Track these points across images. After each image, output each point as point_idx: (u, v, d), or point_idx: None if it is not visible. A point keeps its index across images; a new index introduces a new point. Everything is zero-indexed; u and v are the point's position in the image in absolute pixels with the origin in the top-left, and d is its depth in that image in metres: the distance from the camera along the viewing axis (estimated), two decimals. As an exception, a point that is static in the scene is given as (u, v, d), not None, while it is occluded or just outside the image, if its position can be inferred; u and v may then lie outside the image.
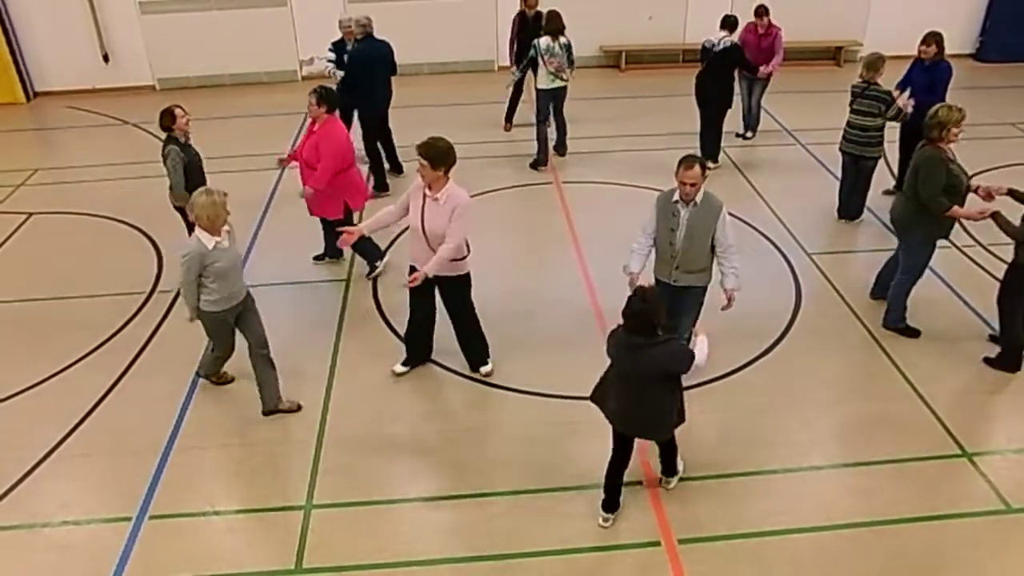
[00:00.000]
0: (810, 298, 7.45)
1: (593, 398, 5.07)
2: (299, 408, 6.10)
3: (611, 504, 5.11)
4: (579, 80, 13.58)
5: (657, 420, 4.89)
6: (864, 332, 6.93)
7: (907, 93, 8.30)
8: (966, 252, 8.02)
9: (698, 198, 5.52)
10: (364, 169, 9.18)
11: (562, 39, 9.68)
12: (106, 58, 13.47)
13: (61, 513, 5.30)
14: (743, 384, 6.36)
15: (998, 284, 6.32)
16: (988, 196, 6.30)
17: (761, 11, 9.97)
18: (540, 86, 9.91)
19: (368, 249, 7.63)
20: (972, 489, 5.36)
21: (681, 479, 5.44)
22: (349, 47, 9.46)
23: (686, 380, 4.91)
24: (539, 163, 10.22)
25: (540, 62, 9.70)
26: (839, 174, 8.79)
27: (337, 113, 7.46)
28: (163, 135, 7.08)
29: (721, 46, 9.44)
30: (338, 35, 9.71)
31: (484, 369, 6.42)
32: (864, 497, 5.32)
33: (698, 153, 10.09)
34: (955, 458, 5.62)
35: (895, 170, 9.11)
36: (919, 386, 6.28)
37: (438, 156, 5.54)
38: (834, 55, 14.32)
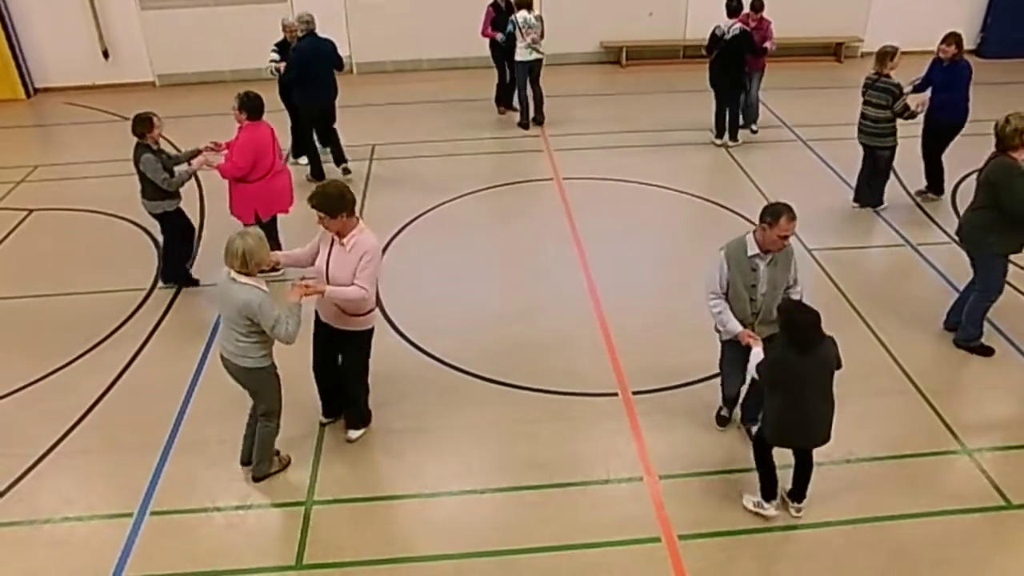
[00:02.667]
0: (809, 293, 7.40)
1: (766, 438, 4.95)
2: (289, 463, 5.63)
3: (775, 492, 5.09)
4: (580, 76, 13.68)
5: (831, 419, 4.85)
6: (864, 327, 6.93)
7: (925, 94, 8.43)
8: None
9: None
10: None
11: (535, 11, 10.53)
12: (106, 54, 13.44)
13: (62, 509, 5.31)
14: (743, 380, 6.36)
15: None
16: None
17: (758, 5, 10.05)
18: (518, 58, 10.75)
19: None
20: (972, 485, 5.36)
21: (681, 475, 5.44)
22: (293, 45, 9.60)
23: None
24: (524, 124, 11.20)
25: (518, 35, 10.45)
26: (840, 170, 8.82)
27: (263, 117, 7.47)
28: (165, 131, 7.13)
29: (731, 33, 9.74)
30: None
31: (352, 434, 5.84)
32: (864, 493, 5.32)
33: (714, 132, 10.38)
34: (955, 454, 5.63)
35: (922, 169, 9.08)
36: (919, 382, 6.28)
37: (332, 204, 4.99)
38: (835, 51, 14.29)
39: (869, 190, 8.86)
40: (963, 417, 5.94)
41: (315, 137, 9.95)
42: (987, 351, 6.61)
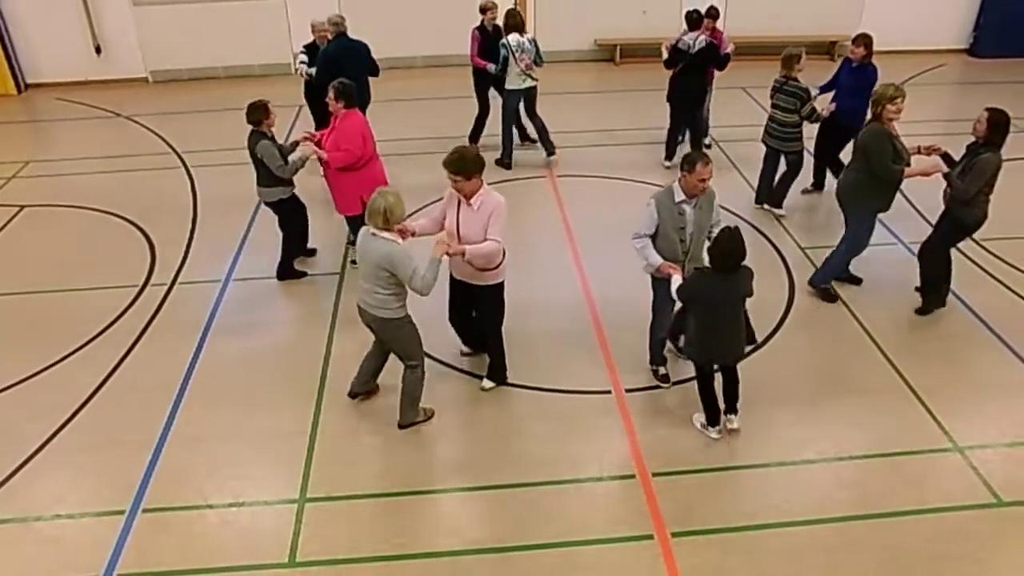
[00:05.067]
0: (803, 292, 7.47)
1: (689, 355, 5.93)
2: (432, 415, 5.98)
3: (716, 416, 5.76)
4: (574, 74, 13.67)
5: (742, 339, 5.57)
6: (857, 326, 6.96)
7: (830, 95, 8.47)
8: (961, 249, 8.02)
9: None
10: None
11: (528, 34, 9.57)
12: (98, 50, 13.38)
13: (54, 507, 5.29)
14: (737, 378, 6.37)
15: (979, 270, 6.68)
16: (929, 151, 6.76)
17: (714, 13, 9.69)
18: (509, 87, 9.60)
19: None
20: (964, 483, 5.39)
21: (674, 473, 5.46)
22: (322, 48, 9.37)
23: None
24: (506, 163, 9.99)
25: (512, 60, 9.38)
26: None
27: (353, 105, 7.31)
28: (157, 127, 7.08)
29: (697, 46, 9.37)
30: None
31: (487, 383, 6.29)
32: (857, 490, 5.34)
33: (665, 154, 10.09)
34: (947, 452, 5.66)
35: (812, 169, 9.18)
36: (911, 380, 6.31)
37: (469, 166, 5.45)
38: (828, 49, 14.31)
39: (771, 190, 8.85)
40: (954, 415, 5.96)
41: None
42: (832, 297, 7.27)
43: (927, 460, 5.60)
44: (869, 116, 6.79)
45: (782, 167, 8.73)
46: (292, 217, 7.59)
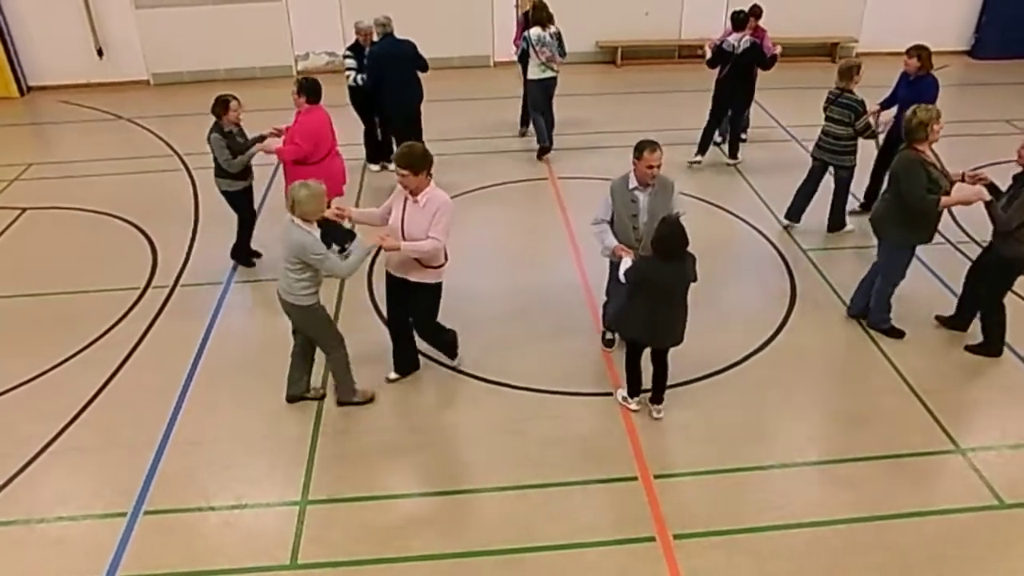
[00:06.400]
0: (805, 294, 7.47)
1: (614, 328, 6.12)
2: (372, 399, 6.16)
3: (637, 389, 5.98)
4: (575, 75, 13.65)
5: (681, 327, 5.64)
6: (858, 328, 6.95)
7: (891, 111, 8.09)
8: (960, 248, 8.03)
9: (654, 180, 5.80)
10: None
11: (552, 28, 9.82)
12: (100, 52, 13.41)
13: (56, 508, 5.29)
14: (738, 379, 6.37)
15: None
16: (975, 179, 6.24)
17: (757, 11, 9.79)
18: (531, 77, 10.04)
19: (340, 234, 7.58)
20: (966, 484, 5.39)
21: (676, 475, 5.46)
22: (367, 50, 9.34)
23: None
24: (544, 151, 10.34)
25: (532, 53, 9.82)
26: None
27: (322, 103, 7.55)
28: (159, 130, 7.14)
29: (742, 47, 9.43)
30: (350, 35, 9.58)
31: (451, 361, 6.55)
32: (859, 492, 5.34)
33: (699, 148, 10.14)
34: (949, 453, 5.65)
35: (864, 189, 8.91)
36: (913, 382, 6.31)
37: (416, 162, 5.50)
38: (830, 51, 14.33)
39: (802, 209, 8.49)
40: (956, 416, 5.96)
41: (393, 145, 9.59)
42: (898, 333, 6.81)
43: (929, 462, 5.59)
44: (903, 144, 6.33)
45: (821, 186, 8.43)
46: (239, 210, 7.80)
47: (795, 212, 8.55)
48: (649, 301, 5.49)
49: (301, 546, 4.99)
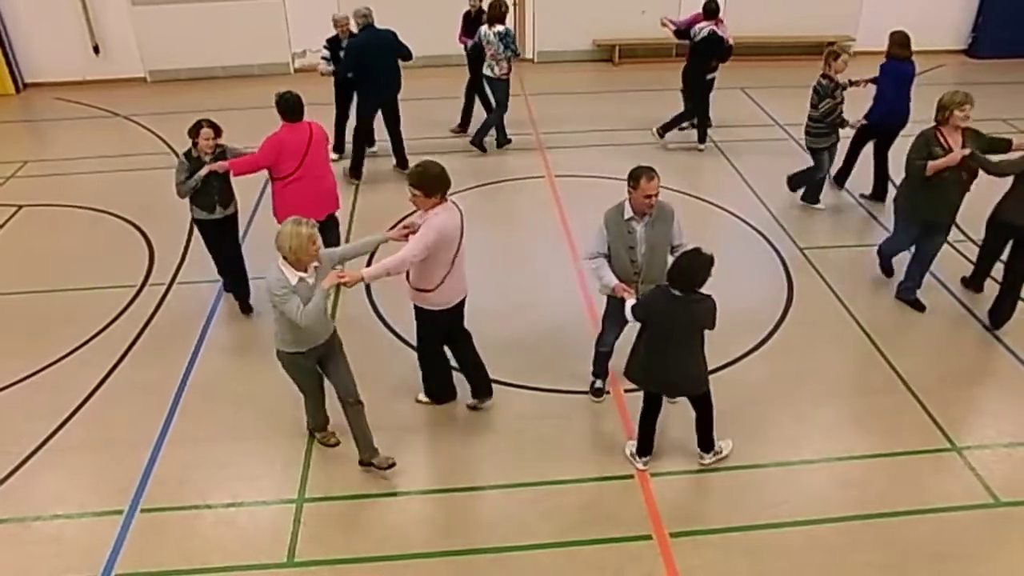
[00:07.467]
0: (802, 292, 7.47)
1: (630, 376, 5.38)
2: (392, 465, 5.44)
3: (647, 448, 5.47)
4: (573, 74, 13.68)
5: (695, 373, 5.12)
6: (855, 326, 6.96)
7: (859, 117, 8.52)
8: (957, 247, 8.04)
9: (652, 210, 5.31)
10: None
11: (499, 27, 9.79)
12: (96, 50, 13.37)
13: (52, 506, 5.28)
14: (735, 378, 6.37)
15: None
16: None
17: (714, 7, 9.87)
18: (484, 72, 10.17)
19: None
20: (962, 483, 5.40)
21: (673, 473, 5.46)
22: (344, 43, 9.41)
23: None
24: (502, 143, 10.52)
25: (485, 49, 9.89)
26: (831, 169, 8.86)
27: (292, 119, 7.07)
28: (156, 127, 7.02)
29: (700, 36, 9.64)
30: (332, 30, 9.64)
31: (421, 396, 6.15)
32: (856, 490, 5.35)
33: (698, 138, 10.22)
34: (945, 452, 5.66)
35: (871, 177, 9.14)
36: (910, 380, 6.31)
37: (428, 183, 5.16)
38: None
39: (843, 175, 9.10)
40: (952, 415, 5.97)
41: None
42: (920, 306, 7.13)
43: (926, 460, 5.61)
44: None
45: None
46: (210, 241, 7.13)
47: (840, 178, 9.16)
48: (661, 340, 5.02)
49: (298, 544, 4.99)
